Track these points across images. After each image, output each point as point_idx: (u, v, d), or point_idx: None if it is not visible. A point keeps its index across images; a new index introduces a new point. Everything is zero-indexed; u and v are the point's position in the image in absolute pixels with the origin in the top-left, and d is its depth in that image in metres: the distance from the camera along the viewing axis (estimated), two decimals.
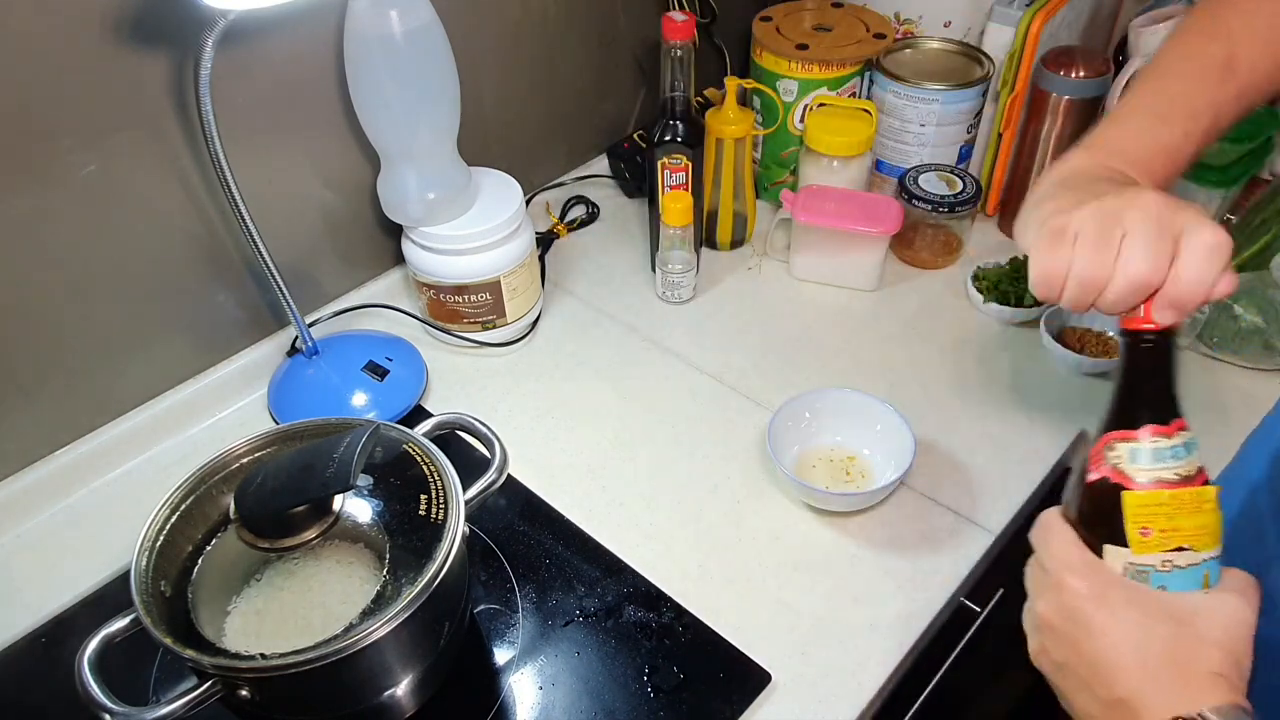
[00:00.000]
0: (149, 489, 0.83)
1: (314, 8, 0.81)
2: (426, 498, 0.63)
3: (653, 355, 0.96)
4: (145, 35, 0.73)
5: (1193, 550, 0.48)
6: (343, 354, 0.91)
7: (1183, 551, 0.48)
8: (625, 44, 1.15)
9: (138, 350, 0.84)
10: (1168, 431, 0.50)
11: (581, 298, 1.03)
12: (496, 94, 1.03)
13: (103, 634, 0.56)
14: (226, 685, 0.56)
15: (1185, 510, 0.49)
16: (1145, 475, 0.49)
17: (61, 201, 0.74)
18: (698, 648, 0.71)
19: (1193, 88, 0.63)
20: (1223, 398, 0.88)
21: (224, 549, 0.62)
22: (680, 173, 0.96)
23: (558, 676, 0.70)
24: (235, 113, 0.79)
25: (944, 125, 1.03)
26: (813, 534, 0.79)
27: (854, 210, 0.98)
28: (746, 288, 1.05)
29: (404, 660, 0.62)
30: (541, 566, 0.77)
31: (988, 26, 1.04)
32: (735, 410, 0.90)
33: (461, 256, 0.90)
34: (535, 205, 1.13)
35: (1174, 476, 0.49)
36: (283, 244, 0.87)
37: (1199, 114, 0.62)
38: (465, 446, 0.78)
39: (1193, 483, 0.49)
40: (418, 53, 0.80)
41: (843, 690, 0.68)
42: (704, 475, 0.84)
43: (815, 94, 1.05)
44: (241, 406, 0.92)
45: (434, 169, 0.88)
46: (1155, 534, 0.48)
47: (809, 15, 1.10)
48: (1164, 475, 0.49)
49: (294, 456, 0.62)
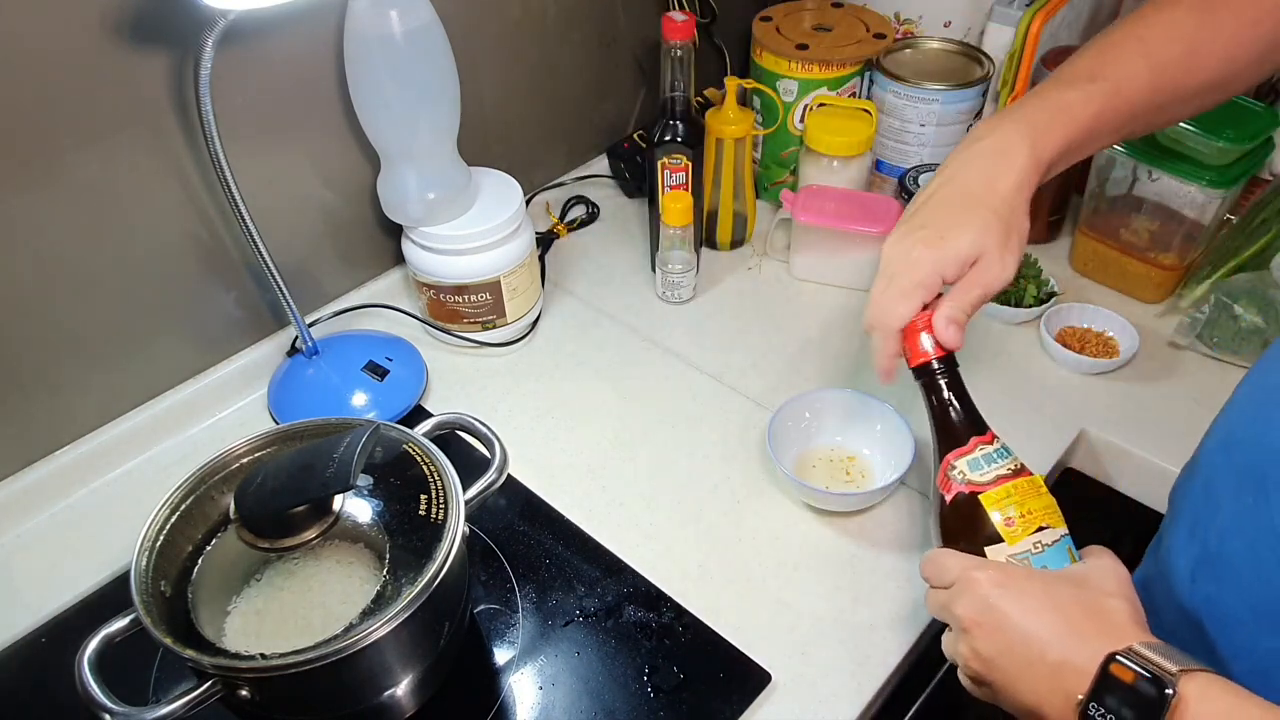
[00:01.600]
0: (149, 489, 0.83)
1: (314, 8, 0.81)
2: (426, 498, 0.63)
3: (653, 355, 0.96)
4: (145, 35, 0.73)
5: (1051, 528, 0.57)
6: (343, 354, 0.91)
7: (1044, 530, 0.56)
8: (625, 44, 1.15)
9: (138, 350, 0.84)
10: (989, 439, 0.60)
11: (581, 298, 1.03)
12: (496, 94, 1.03)
13: (103, 634, 0.56)
14: (226, 685, 0.56)
15: (1029, 494, 0.57)
16: (988, 476, 0.58)
17: (61, 201, 0.74)
18: (698, 648, 0.71)
19: (1104, 55, 0.66)
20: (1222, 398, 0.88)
21: (224, 549, 0.62)
22: (680, 173, 0.96)
23: (558, 676, 0.70)
24: (235, 113, 0.79)
25: (944, 125, 1.03)
26: (813, 534, 0.79)
27: (854, 210, 0.98)
28: (746, 288, 1.05)
29: (404, 660, 0.62)
30: (541, 566, 0.77)
31: (988, 26, 1.04)
32: (735, 410, 0.90)
33: (461, 256, 0.90)
34: (535, 205, 1.13)
35: (1008, 471, 0.58)
36: (283, 244, 0.87)
37: (1100, 78, 0.64)
38: (465, 446, 0.78)
39: (1022, 474, 0.59)
40: (418, 53, 0.80)
41: (843, 690, 0.68)
42: (704, 475, 0.84)
43: (815, 94, 1.05)
44: (241, 406, 0.92)
45: (434, 169, 0.88)
46: (1017, 521, 0.56)
47: (809, 15, 1.10)
48: (1000, 472, 0.58)
49: (294, 456, 0.62)
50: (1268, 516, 0.51)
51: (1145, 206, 0.96)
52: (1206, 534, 0.56)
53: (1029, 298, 0.96)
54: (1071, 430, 0.87)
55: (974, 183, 0.64)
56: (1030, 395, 0.90)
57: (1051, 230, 1.08)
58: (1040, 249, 1.06)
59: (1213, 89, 0.67)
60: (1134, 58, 0.65)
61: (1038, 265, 0.99)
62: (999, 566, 0.55)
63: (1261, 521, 0.51)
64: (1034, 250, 1.04)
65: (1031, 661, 0.50)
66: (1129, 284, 0.99)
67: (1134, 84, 0.64)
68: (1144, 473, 0.85)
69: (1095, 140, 0.66)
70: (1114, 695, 0.45)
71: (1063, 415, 0.88)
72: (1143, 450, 0.85)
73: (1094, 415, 0.88)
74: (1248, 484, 0.52)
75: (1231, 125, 0.88)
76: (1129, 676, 0.45)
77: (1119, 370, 0.91)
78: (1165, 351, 0.93)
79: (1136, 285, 0.99)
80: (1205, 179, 0.89)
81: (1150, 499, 0.86)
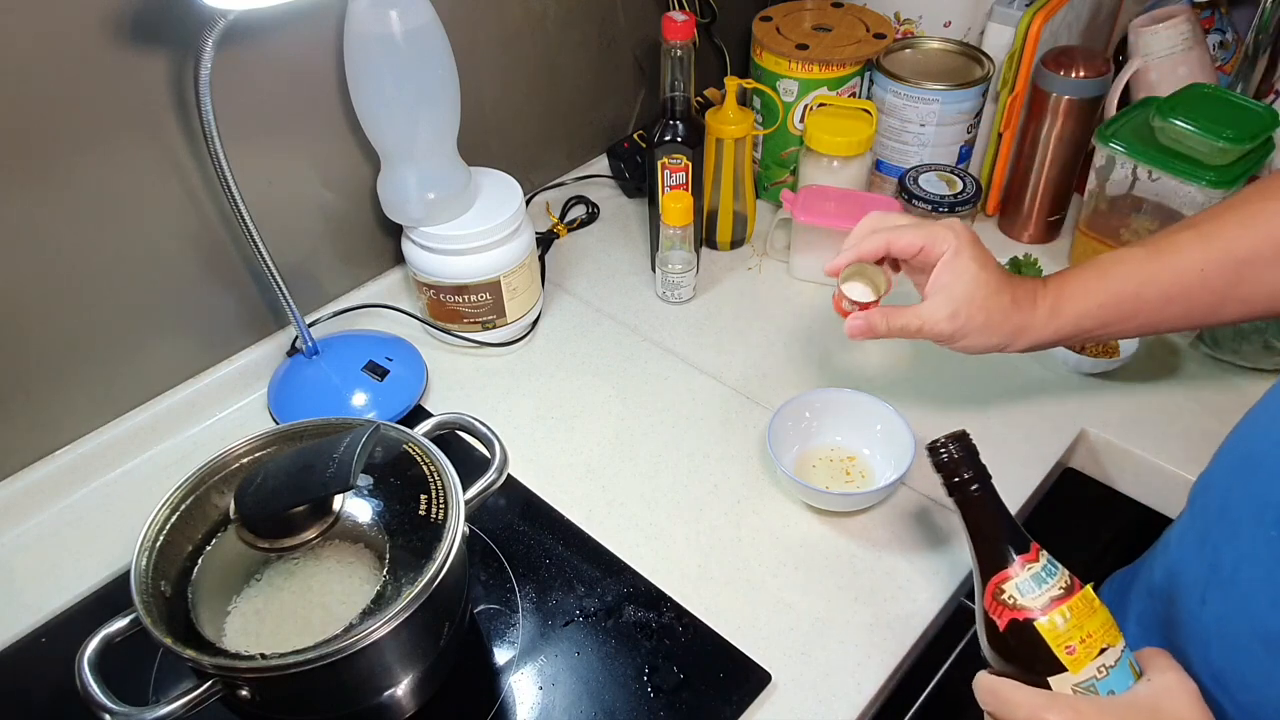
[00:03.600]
0: (149, 489, 0.83)
1: (314, 8, 0.81)
2: (426, 498, 0.63)
3: (653, 355, 0.96)
4: (145, 35, 0.73)
5: (1112, 648, 0.52)
6: (343, 354, 0.91)
7: (1106, 651, 0.52)
8: (625, 44, 1.15)
9: (138, 350, 0.84)
10: (1033, 557, 0.55)
11: (581, 298, 1.03)
12: (496, 94, 1.03)
13: (103, 634, 0.56)
14: (226, 685, 0.56)
15: (1086, 615, 0.53)
16: (1040, 601, 0.53)
17: (61, 201, 0.74)
18: (698, 648, 0.71)
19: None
20: (1223, 397, 0.88)
21: (224, 549, 0.62)
22: (680, 173, 0.96)
23: (558, 676, 0.70)
24: (235, 113, 0.79)
25: (944, 125, 1.03)
26: (813, 534, 0.79)
27: (854, 210, 0.98)
28: (746, 288, 1.05)
29: (404, 660, 0.62)
30: (541, 566, 0.77)
31: (988, 26, 1.04)
32: (735, 410, 0.90)
33: (461, 256, 0.90)
34: (535, 205, 1.13)
35: (1061, 591, 0.53)
36: (283, 244, 0.87)
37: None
38: (465, 446, 0.78)
39: (1074, 591, 0.54)
40: (418, 53, 0.80)
41: (843, 690, 0.68)
42: (704, 475, 0.84)
43: (815, 94, 1.05)
44: (241, 406, 0.92)
45: (434, 169, 0.88)
46: (1079, 648, 0.52)
47: (809, 15, 1.10)
48: (1054, 594, 0.53)
49: (294, 456, 0.62)
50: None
51: (1145, 206, 0.96)
52: (1220, 554, 0.54)
53: None
54: (1071, 430, 0.86)
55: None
56: (1030, 395, 0.90)
57: (1051, 230, 1.08)
58: (1040, 249, 1.06)
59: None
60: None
61: (1037, 265, 0.99)
62: (1069, 705, 0.51)
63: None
64: (1034, 250, 1.04)
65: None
66: None
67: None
68: (1144, 473, 0.85)
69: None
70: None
71: (1063, 415, 0.88)
72: (1143, 450, 0.85)
73: (1094, 415, 0.87)
74: (1270, 516, 0.50)
75: (1231, 125, 0.88)
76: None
77: (1119, 370, 0.91)
78: (1165, 351, 0.93)
79: None
80: (1205, 179, 0.89)
81: (1150, 499, 0.86)
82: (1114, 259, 0.67)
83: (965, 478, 0.58)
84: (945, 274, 0.67)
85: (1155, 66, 1.04)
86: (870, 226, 0.69)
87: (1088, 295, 0.67)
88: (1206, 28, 1.13)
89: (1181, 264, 0.64)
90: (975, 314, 0.65)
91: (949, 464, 0.58)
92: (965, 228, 0.68)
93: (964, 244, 0.67)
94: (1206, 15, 1.13)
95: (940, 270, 0.67)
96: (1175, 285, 0.64)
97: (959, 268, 0.66)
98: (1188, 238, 0.64)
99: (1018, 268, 0.99)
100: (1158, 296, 0.65)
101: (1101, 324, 0.67)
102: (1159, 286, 0.65)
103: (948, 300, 0.66)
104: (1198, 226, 0.65)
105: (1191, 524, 0.59)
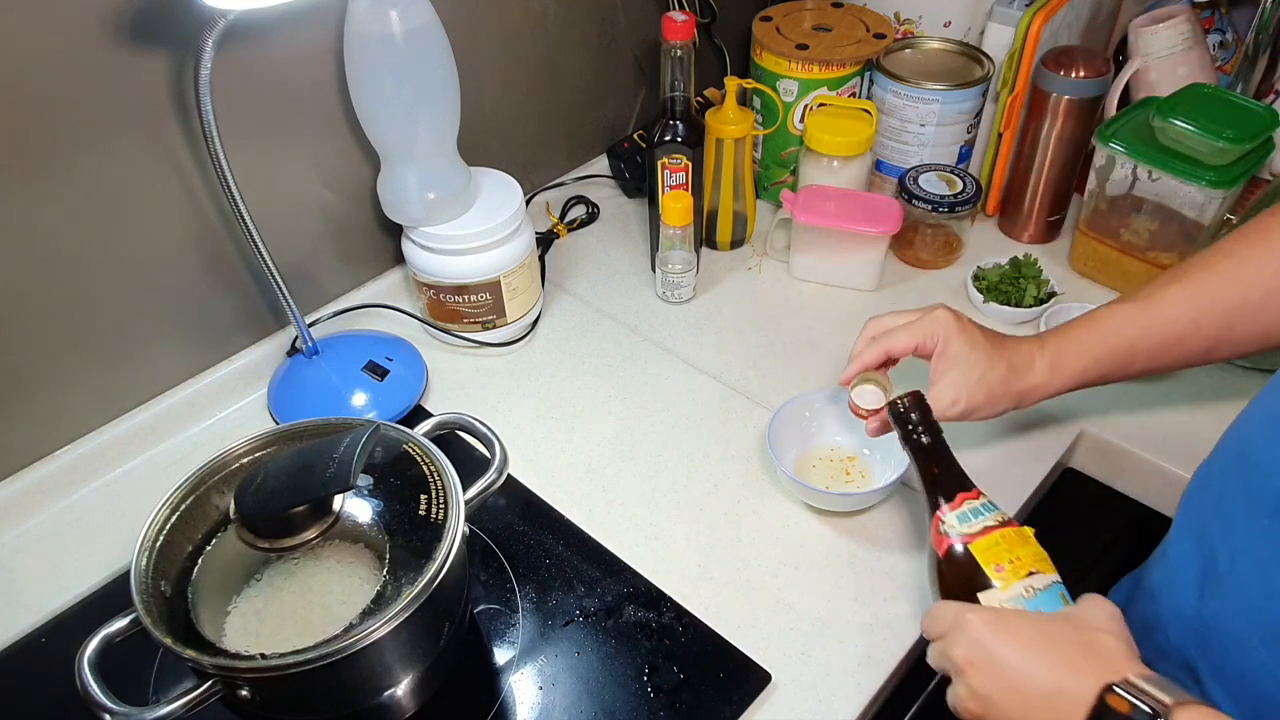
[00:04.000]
0: (149, 489, 0.83)
1: (314, 8, 0.81)
2: (426, 498, 0.63)
3: (653, 355, 0.96)
4: (145, 35, 0.73)
5: (1042, 574, 0.58)
6: (343, 354, 0.91)
7: (1035, 575, 0.57)
8: (625, 44, 1.15)
9: (138, 350, 0.84)
10: (974, 496, 0.62)
11: (581, 298, 1.03)
12: (496, 94, 1.03)
13: (103, 634, 0.56)
14: (226, 685, 0.56)
15: (1017, 543, 0.59)
16: (974, 528, 0.60)
17: (61, 202, 0.74)
18: (698, 648, 0.71)
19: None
20: (1222, 397, 0.88)
21: (224, 549, 0.62)
22: (680, 173, 0.96)
23: (558, 676, 0.70)
24: (235, 113, 0.79)
25: (944, 125, 1.03)
26: (813, 534, 0.79)
27: (854, 210, 0.98)
28: (746, 288, 1.05)
29: (404, 660, 0.62)
30: (541, 566, 0.77)
31: (988, 26, 1.04)
32: (735, 410, 0.90)
33: (461, 256, 0.90)
34: (535, 205, 1.13)
35: (995, 522, 0.60)
36: (283, 244, 0.87)
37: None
38: (465, 446, 0.78)
39: (1010, 525, 0.61)
40: (418, 53, 0.80)
41: (843, 690, 0.68)
42: (704, 475, 0.84)
43: (815, 94, 1.05)
44: (241, 406, 0.92)
45: (434, 169, 0.88)
46: (1008, 567, 0.58)
47: (809, 15, 1.10)
48: (988, 523, 0.60)
49: (294, 456, 0.62)
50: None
51: (1145, 206, 0.96)
52: (1217, 549, 0.56)
53: (1029, 298, 0.96)
54: (1072, 430, 0.86)
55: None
56: None
57: (1051, 230, 1.08)
58: (1040, 249, 1.06)
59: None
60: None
61: (1038, 265, 0.99)
62: (991, 609, 0.56)
63: (1275, 545, 0.51)
64: (1034, 250, 1.04)
65: (1027, 696, 0.50)
66: (1129, 284, 0.99)
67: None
68: (1144, 473, 0.85)
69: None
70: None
71: (1063, 415, 0.88)
72: (1142, 450, 0.85)
73: (1094, 415, 0.87)
74: (1263, 507, 0.52)
75: (1231, 125, 0.88)
76: (1125, 707, 0.46)
77: None
78: None
79: (1136, 285, 0.97)
80: (1205, 179, 0.89)
81: (1150, 499, 0.86)
82: (1107, 313, 0.71)
83: (918, 430, 0.65)
84: (940, 364, 0.72)
85: (1155, 66, 1.04)
86: (869, 335, 0.75)
87: (1083, 352, 0.71)
88: (1206, 28, 1.13)
89: (1172, 315, 0.68)
90: (976, 393, 0.70)
91: (903, 415, 0.66)
92: (951, 316, 0.72)
93: (951, 333, 0.71)
94: (1206, 15, 1.13)
95: (936, 362, 0.72)
96: (1168, 335, 0.68)
97: (951, 355, 0.71)
98: (1175, 290, 0.68)
99: (1018, 268, 0.99)
100: (1152, 347, 0.69)
101: (1102, 375, 0.71)
102: (1153, 338, 0.68)
103: (948, 388, 0.70)
104: (1185, 278, 0.68)
105: (1187, 521, 0.60)
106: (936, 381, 0.72)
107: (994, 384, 0.70)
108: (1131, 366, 0.70)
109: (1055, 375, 0.71)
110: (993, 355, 0.71)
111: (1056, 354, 0.71)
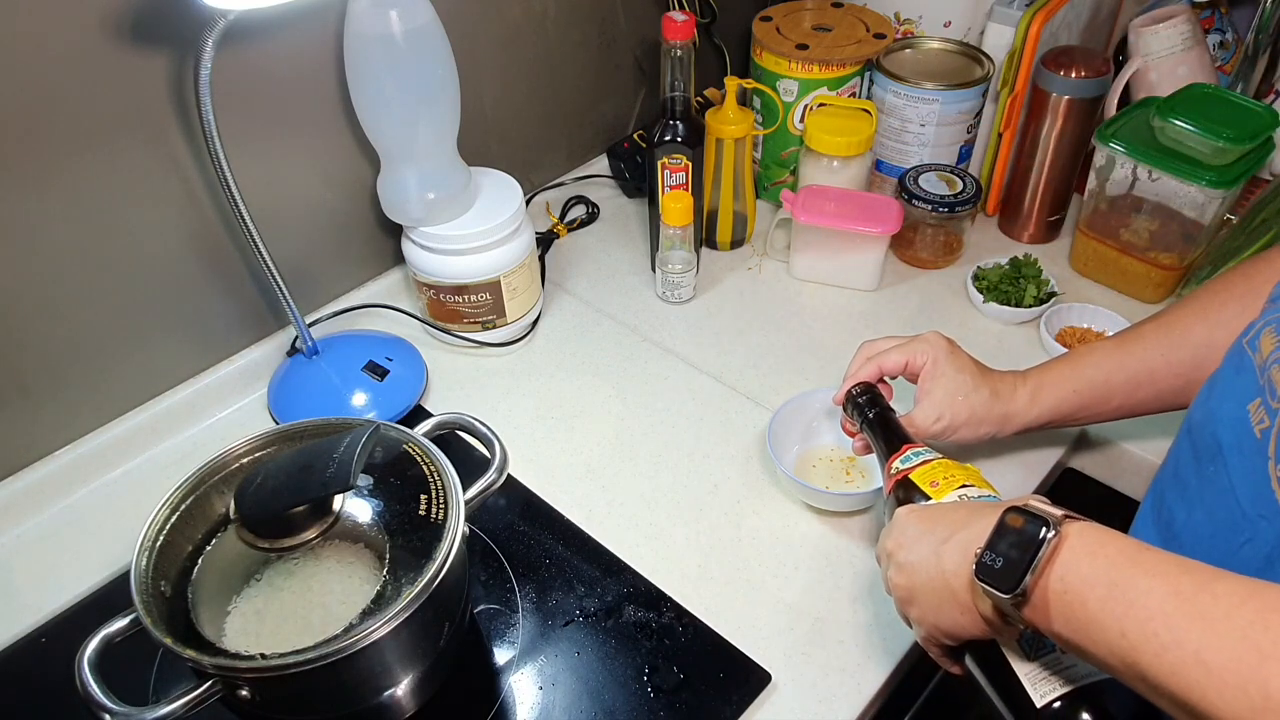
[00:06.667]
0: (149, 489, 0.83)
1: (314, 8, 0.81)
2: (426, 498, 0.63)
3: (653, 355, 0.96)
4: (145, 35, 0.73)
5: (975, 486, 0.62)
6: (343, 354, 0.91)
7: (968, 487, 0.61)
8: (625, 44, 1.15)
9: (138, 350, 0.84)
10: (916, 445, 0.67)
11: (581, 298, 1.03)
12: (496, 94, 1.03)
13: (103, 634, 0.56)
14: (226, 685, 0.56)
15: (953, 467, 0.64)
16: (915, 462, 0.65)
17: (61, 202, 0.74)
18: (698, 648, 0.71)
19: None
20: None
21: (224, 549, 0.62)
22: (680, 173, 0.96)
23: (558, 676, 0.70)
24: (235, 113, 0.79)
25: (944, 125, 1.03)
26: (813, 534, 0.79)
27: (854, 210, 0.98)
28: (746, 288, 1.05)
29: (404, 660, 0.62)
30: (541, 566, 0.77)
31: (988, 26, 1.04)
32: (735, 410, 0.90)
33: (461, 256, 0.90)
34: (535, 205, 1.13)
35: (933, 457, 0.65)
36: (283, 244, 0.87)
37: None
38: (465, 446, 0.78)
39: (949, 460, 0.65)
40: (418, 53, 0.80)
41: (843, 690, 0.68)
42: (704, 475, 0.84)
43: (815, 94, 1.05)
44: (241, 406, 0.92)
45: (434, 169, 0.88)
46: (942, 483, 0.62)
47: (809, 15, 1.10)
48: (926, 458, 0.65)
49: (294, 456, 0.62)
50: (1225, 478, 0.54)
51: (1145, 206, 0.96)
52: (1174, 511, 0.60)
53: (1029, 298, 0.96)
54: (1072, 430, 0.86)
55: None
56: None
57: (1051, 230, 1.08)
58: (1040, 249, 1.06)
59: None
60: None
61: (1038, 265, 0.99)
62: (914, 506, 0.61)
63: (1220, 484, 0.54)
64: (1034, 250, 1.04)
65: (939, 547, 0.54)
66: (1129, 284, 0.99)
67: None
68: (1144, 472, 0.85)
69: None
70: (1004, 540, 0.49)
71: None
72: (1143, 450, 0.85)
73: None
74: (1206, 455, 0.57)
75: (1231, 125, 0.88)
76: (1019, 522, 0.48)
77: None
78: None
79: (1136, 285, 0.99)
80: (1205, 179, 0.89)
81: None
82: (1087, 350, 0.75)
83: (869, 409, 0.72)
84: (927, 383, 0.75)
85: (1155, 66, 1.04)
86: (864, 355, 0.78)
87: (1062, 382, 0.74)
88: (1206, 28, 1.13)
89: (1145, 352, 0.71)
90: (959, 412, 0.73)
91: (856, 399, 0.73)
92: (941, 339, 0.75)
93: (940, 354, 0.74)
94: (1206, 15, 1.13)
95: (923, 381, 0.75)
96: (1142, 371, 0.71)
97: (938, 375, 0.74)
98: (1150, 328, 0.73)
99: (1018, 268, 0.99)
100: (1126, 382, 0.72)
101: (1078, 408, 0.74)
102: (1127, 373, 0.72)
103: (932, 406, 0.74)
104: (1161, 317, 0.73)
105: (1151, 498, 0.65)
106: (922, 399, 0.75)
107: (977, 405, 0.74)
108: (1109, 401, 0.73)
109: (1034, 404, 0.74)
110: (978, 379, 0.74)
111: (1037, 385, 0.75)
